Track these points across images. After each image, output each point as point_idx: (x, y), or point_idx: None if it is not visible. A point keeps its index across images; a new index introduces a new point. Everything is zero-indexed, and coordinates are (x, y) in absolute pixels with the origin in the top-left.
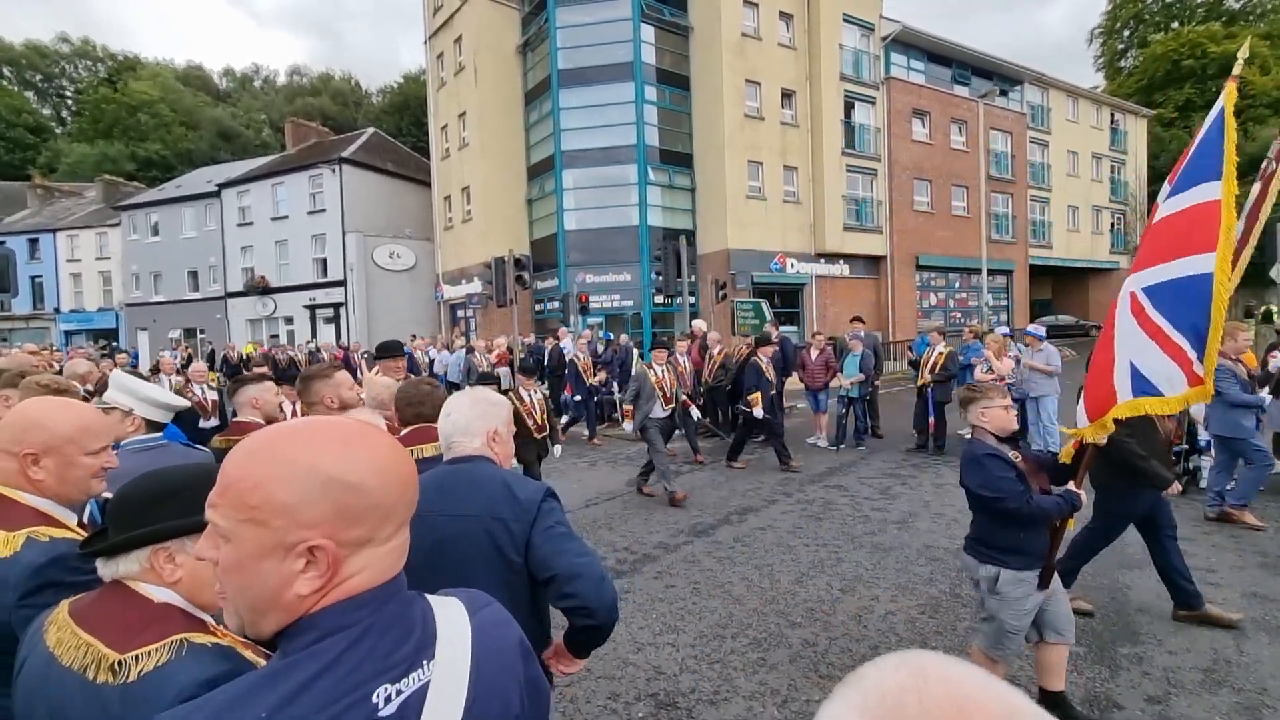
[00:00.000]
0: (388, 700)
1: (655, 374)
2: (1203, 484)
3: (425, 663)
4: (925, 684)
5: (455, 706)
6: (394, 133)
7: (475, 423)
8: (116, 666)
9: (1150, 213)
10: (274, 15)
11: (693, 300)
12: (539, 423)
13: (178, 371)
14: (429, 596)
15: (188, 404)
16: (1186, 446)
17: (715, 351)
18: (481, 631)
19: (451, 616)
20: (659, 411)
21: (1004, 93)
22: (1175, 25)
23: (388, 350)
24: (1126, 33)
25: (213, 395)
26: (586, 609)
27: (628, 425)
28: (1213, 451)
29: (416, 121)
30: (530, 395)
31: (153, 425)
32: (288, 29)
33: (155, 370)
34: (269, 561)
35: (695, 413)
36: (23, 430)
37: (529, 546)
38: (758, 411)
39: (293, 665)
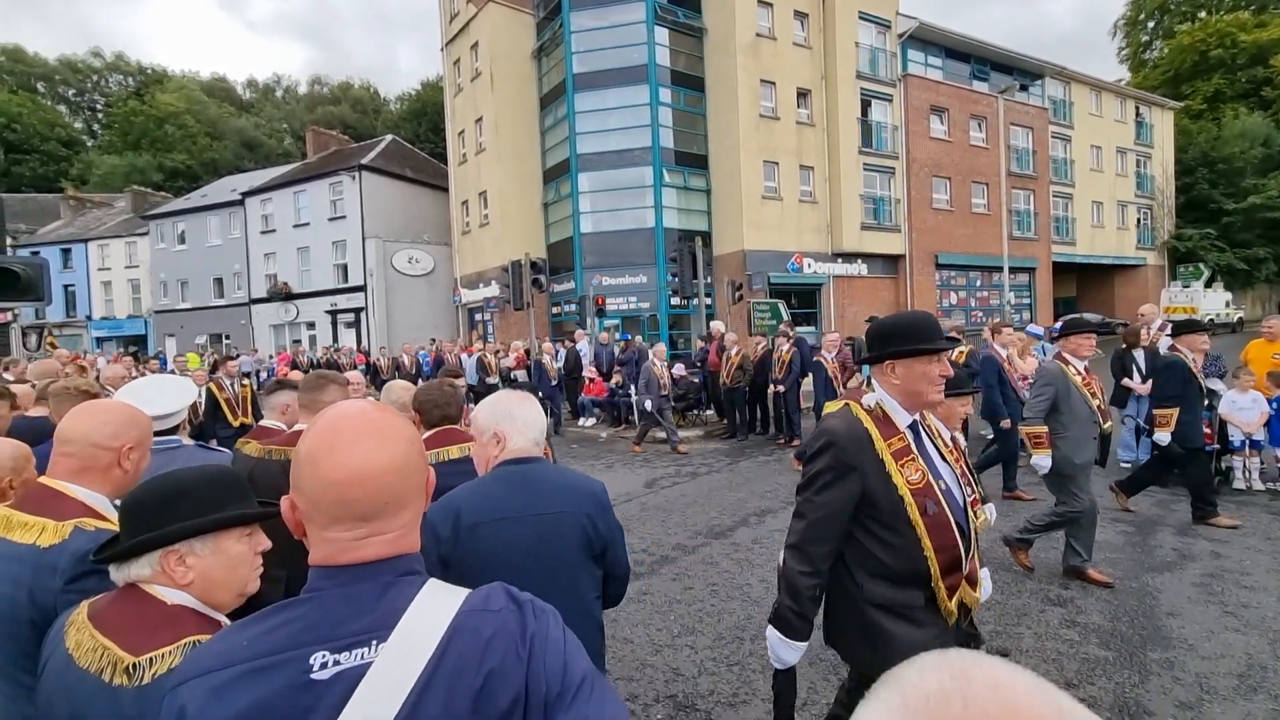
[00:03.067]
0: (323, 666)
1: (1076, 373)
2: (1235, 483)
3: (374, 644)
4: (969, 686)
5: (395, 694)
6: (412, 139)
7: (543, 425)
8: (131, 669)
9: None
10: (268, 23)
11: (709, 302)
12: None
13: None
14: (430, 585)
15: (174, 410)
16: (1218, 446)
17: (733, 353)
18: (465, 628)
19: (433, 607)
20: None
21: (1024, 87)
22: (1202, 15)
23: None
24: (1152, 24)
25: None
26: (614, 597)
27: (1043, 460)
28: (1246, 450)
29: (434, 127)
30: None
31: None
32: (283, 36)
33: (214, 369)
34: None
35: None
36: (125, 425)
37: (605, 543)
38: (1162, 436)
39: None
